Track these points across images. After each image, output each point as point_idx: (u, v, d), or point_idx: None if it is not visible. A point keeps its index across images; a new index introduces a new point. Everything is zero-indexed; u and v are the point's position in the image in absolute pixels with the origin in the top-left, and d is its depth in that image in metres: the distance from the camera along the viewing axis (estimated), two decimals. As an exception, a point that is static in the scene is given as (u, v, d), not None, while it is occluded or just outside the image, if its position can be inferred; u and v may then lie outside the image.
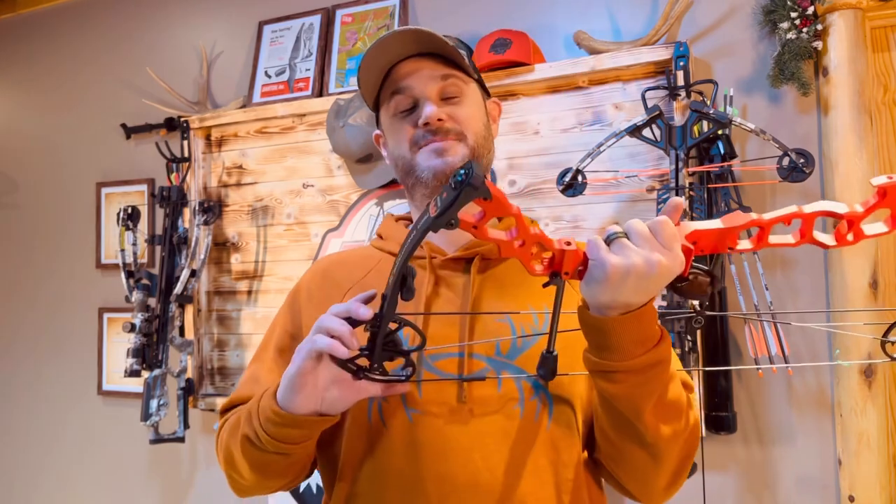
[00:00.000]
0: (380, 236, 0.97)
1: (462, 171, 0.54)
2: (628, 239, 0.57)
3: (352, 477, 0.80)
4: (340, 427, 0.81)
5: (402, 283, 0.60)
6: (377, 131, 0.96)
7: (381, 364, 0.66)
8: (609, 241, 0.58)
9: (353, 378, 0.69)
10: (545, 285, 0.62)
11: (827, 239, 0.59)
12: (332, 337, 0.66)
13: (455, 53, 0.84)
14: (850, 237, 0.58)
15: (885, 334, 0.68)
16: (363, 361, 0.66)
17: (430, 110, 0.82)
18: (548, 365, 0.65)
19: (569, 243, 0.59)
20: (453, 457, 0.74)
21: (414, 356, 0.77)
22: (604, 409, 0.73)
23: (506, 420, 0.76)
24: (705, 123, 1.39)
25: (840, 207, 0.57)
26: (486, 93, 0.94)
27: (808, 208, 0.57)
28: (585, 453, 0.83)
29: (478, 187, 0.53)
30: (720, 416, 1.40)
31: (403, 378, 0.70)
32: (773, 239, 0.60)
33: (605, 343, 0.62)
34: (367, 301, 0.69)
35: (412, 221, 0.95)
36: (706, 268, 0.59)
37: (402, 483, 0.76)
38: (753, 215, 0.58)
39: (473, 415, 0.76)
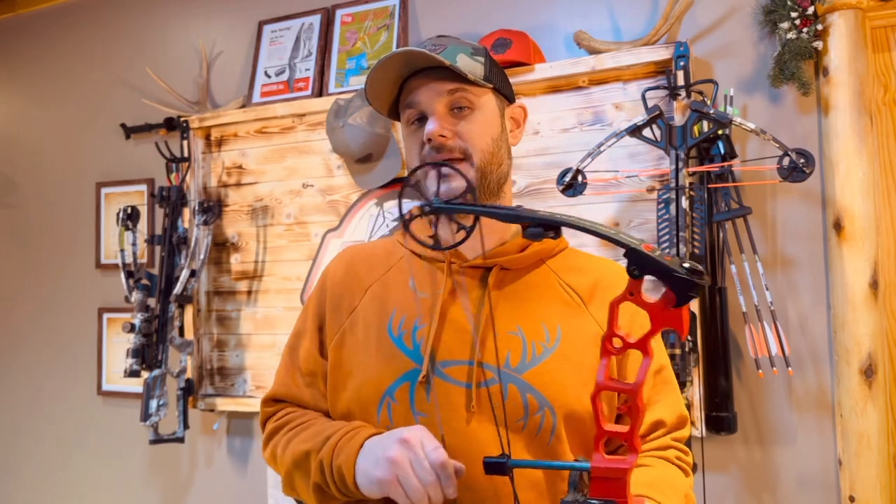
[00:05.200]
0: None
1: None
2: None
3: None
4: None
5: None
6: None
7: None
8: None
9: None
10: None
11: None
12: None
13: (456, 70, 0.83)
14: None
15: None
16: None
17: (431, 127, 0.83)
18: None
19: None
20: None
21: (426, 360, 0.79)
22: None
23: (509, 432, 0.77)
24: (705, 123, 1.38)
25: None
26: (507, 98, 0.92)
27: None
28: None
29: None
30: (720, 416, 1.40)
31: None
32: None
33: None
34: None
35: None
36: None
37: None
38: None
39: (478, 423, 0.78)
